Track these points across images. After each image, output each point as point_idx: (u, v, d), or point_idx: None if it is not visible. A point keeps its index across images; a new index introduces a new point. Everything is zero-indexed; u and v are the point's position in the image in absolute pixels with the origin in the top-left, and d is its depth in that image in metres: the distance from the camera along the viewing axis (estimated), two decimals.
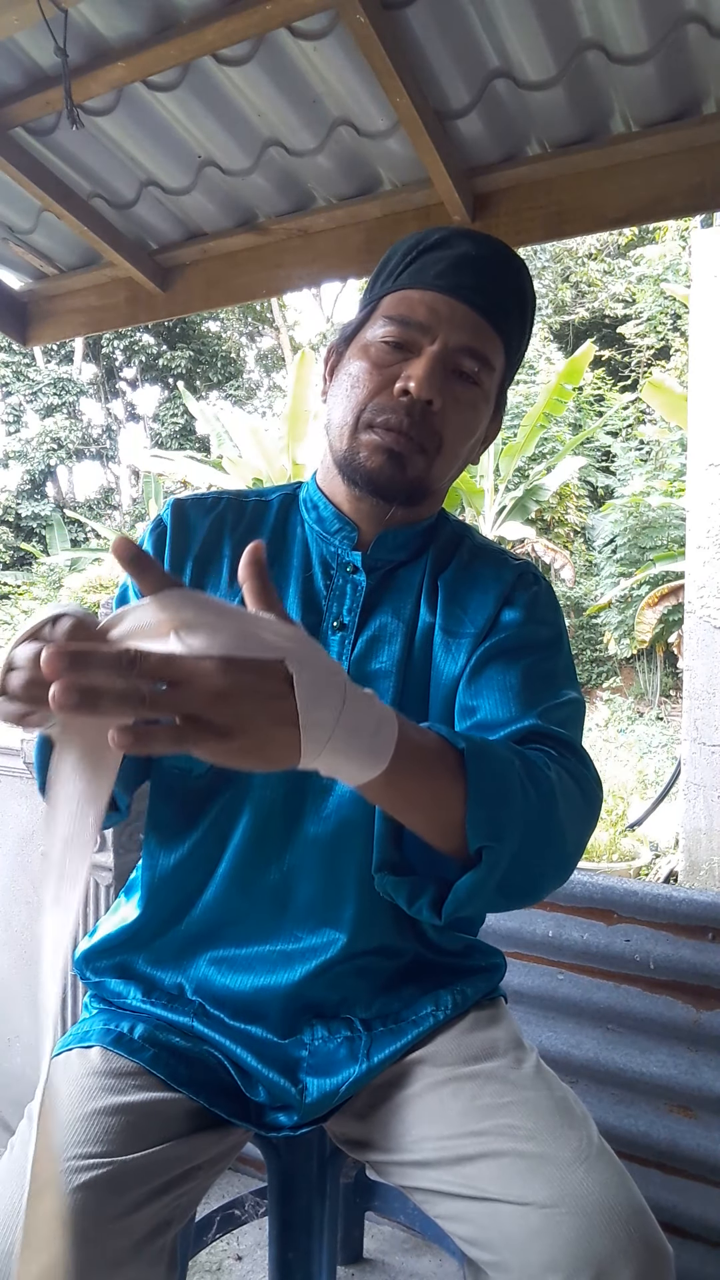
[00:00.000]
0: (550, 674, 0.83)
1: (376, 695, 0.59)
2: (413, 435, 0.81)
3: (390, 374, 0.82)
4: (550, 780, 0.71)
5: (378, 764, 0.58)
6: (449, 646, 0.85)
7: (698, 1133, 1.33)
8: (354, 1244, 1.41)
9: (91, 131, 1.54)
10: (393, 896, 0.69)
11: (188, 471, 10.83)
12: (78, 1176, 0.67)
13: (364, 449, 0.83)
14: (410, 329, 0.82)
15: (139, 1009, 0.87)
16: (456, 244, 0.83)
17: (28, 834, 1.75)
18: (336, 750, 0.55)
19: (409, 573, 0.90)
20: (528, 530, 10.48)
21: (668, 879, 3.45)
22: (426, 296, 0.82)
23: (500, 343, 0.84)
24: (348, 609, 0.87)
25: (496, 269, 0.83)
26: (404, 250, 0.85)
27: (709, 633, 2.87)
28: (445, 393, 0.81)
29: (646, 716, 9.80)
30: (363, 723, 0.56)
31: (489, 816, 0.65)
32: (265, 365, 23.06)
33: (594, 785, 0.77)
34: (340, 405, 0.85)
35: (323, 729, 0.53)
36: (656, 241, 13.92)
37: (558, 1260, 0.65)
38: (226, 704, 0.49)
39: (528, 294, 0.86)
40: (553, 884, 0.74)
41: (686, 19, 1.19)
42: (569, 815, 0.72)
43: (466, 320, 0.81)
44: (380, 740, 0.58)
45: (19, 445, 18.32)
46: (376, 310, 0.85)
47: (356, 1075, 0.81)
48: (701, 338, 2.92)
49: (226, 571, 0.88)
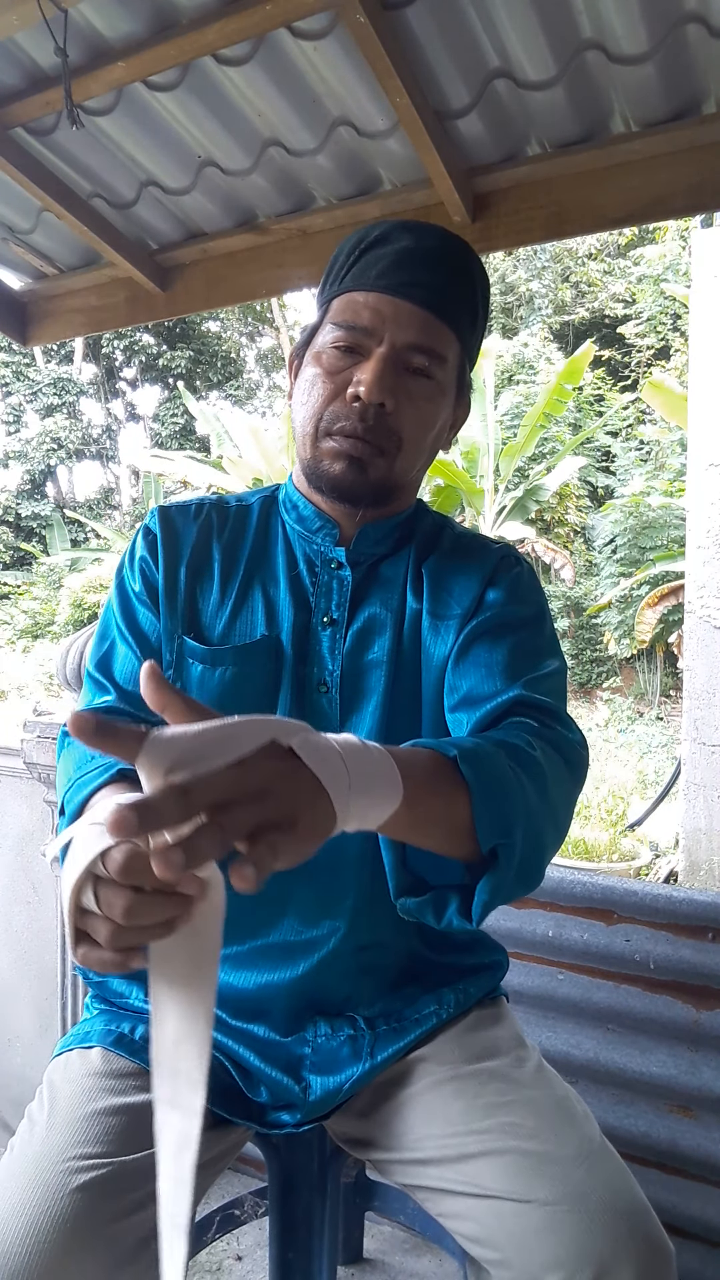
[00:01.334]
0: (534, 649, 0.85)
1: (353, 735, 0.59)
2: (369, 439, 0.82)
3: (342, 379, 0.83)
4: (537, 760, 0.72)
5: (396, 793, 0.58)
6: (437, 629, 0.87)
7: (698, 1133, 1.33)
8: (354, 1244, 1.41)
9: (91, 131, 1.54)
10: (420, 919, 0.69)
11: (188, 471, 10.84)
12: (77, 1177, 0.67)
13: (325, 456, 0.84)
14: (357, 333, 0.82)
15: (141, 1009, 0.87)
16: (397, 238, 0.83)
17: (28, 834, 1.75)
18: (360, 794, 0.54)
19: (393, 564, 0.91)
20: (528, 530, 10.49)
21: (668, 879, 3.45)
22: (370, 298, 0.82)
23: (450, 332, 0.84)
24: (336, 604, 0.88)
25: (437, 259, 0.83)
26: (347, 250, 0.85)
27: (709, 633, 2.87)
28: (398, 391, 0.82)
29: (646, 716, 9.81)
30: (365, 762, 0.56)
31: (496, 815, 0.66)
32: (265, 365, 23.06)
33: (577, 749, 0.79)
34: (300, 413, 0.87)
35: (341, 779, 0.53)
36: (656, 241, 13.92)
37: (560, 1258, 0.65)
38: (273, 798, 0.48)
39: (475, 276, 0.86)
40: (553, 855, 0.76)
41: (686, 19, 1.19)
42: (558, 789, 0.74)
43: (412, 318, 0.82)
44: (385, 768, 0.58)
45: (19, 445, 18.33)
46: (326, 315, 0.86)
47: (360, 1074, 0.81)
48: (701, 338, 2.92)
49: (218, 576, 0.89)
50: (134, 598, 0.89)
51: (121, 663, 0.88)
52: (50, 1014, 1.71)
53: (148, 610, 0.89)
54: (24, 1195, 0.66)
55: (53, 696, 8.40)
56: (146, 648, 0.88)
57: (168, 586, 0.89)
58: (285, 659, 0.86)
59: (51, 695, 8.53)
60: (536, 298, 16.43)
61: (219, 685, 0.86)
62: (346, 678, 0.87)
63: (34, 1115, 0.76)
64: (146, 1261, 0.70)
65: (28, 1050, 1.77)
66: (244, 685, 0.86)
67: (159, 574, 0.89)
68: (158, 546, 0.90)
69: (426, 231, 0.84)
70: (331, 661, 0.87)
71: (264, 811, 0.47)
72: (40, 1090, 0.79)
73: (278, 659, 0.86)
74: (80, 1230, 0.65)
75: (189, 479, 11.00)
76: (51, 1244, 0.64)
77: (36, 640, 12.00)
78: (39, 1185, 0.67)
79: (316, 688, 0.87)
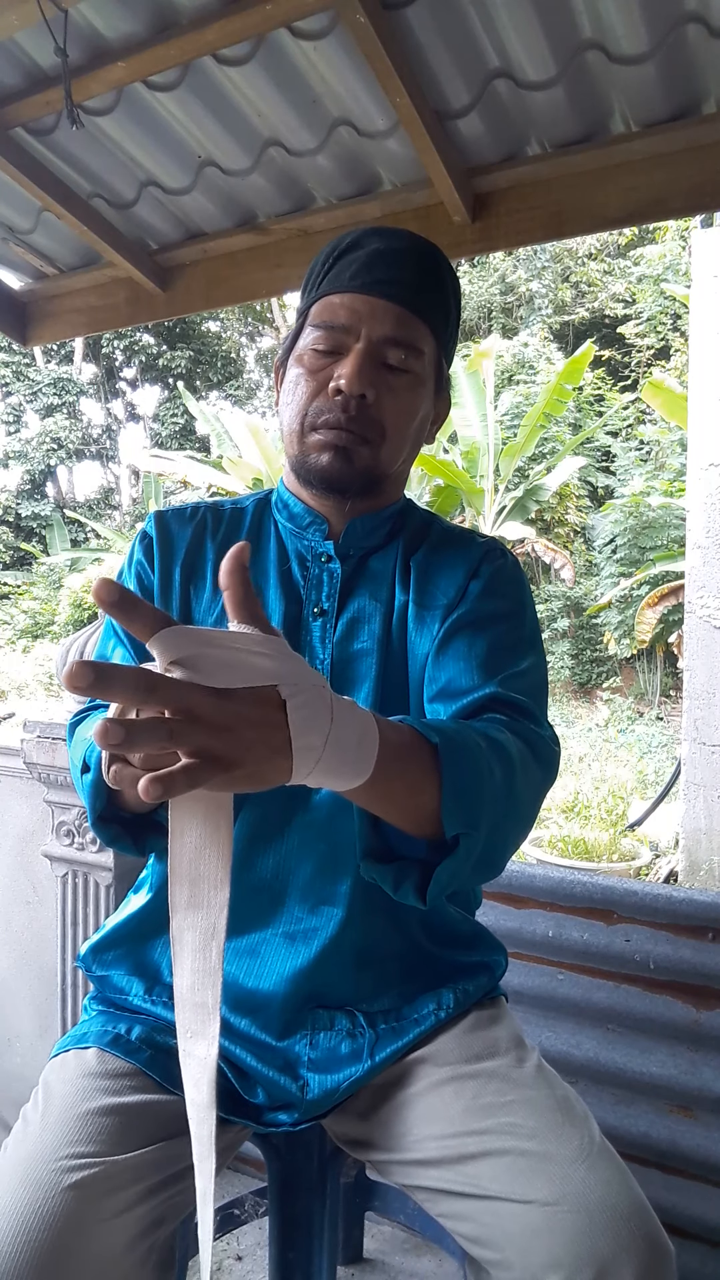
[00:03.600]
0: (513, 643, 0.86)
1: (357, 703, 0.62)
2: (353, 429, 0.85)
3: (324, 377, 0.86)
4: (512, 756, 0.74)
5: (360, 776, 0.60)
6: (423, 619, 0.89)
7: (698, 1133, 1.33)
8: (354, 1244, 1.41)
9: (91, 131, 1.54)
10: (378, 882, 0.72)
11: (188, 471, 10.84)
12: (69, 1176, 0.67)
13: (312, 450, 0.87)
14: (335, 332, 0.85)
15: (139, 1008, 0.87)
16: (367, 243, 0.87)
17: (28, 834, 1.75)
18: (324, 770, 0.57)
19: (382, 558, 0.93)
20: (528, 530, 10.48)
21: (668, 879, 3.45)
22: (346, 299, 0.86)
23: (425, 326, 0.87)
24: (326, 595, 0.91)
25: (406, 258, 0.86)
26: (323, 259, 0.89)
27: (709, 633, 2.87)
28: (378, 384, 0.85)
29: (646, 716, 9.80)
30: (347, 739, 0.58)
31: (463, 807, 0.68)
32: (265, 365, 23.06)
33: (548, 746, 0.80)
34: (286, 413, 0.89)
35: (312, 752, 0.55)
36: (656, 241, 13.92)
37: (560, 1258, 0.65)
38: (230, 736, 0.51)
39: (444, 275, 0.89)
40: (515, 850, 0.79)
41: (686, 19, 1.19)
42: (527, 786, 0.76)
43: (386, 313, 0.85)
44: (363, 752, 0.60)
45: (19, 445, 18.32)
46: (306, 321, 0.89)
47: (359, 1074, 0.81)
48: (701, 338, 2.92)
49: (210, 575, 0.92)
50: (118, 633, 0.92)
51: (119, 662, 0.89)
52: (50, 1014, 1.71)
53: None
54: (16, 1194, 0.67)
55: (53, 696, 8.39)
56: (140, 648, 0.90)
57: (163, 588, 0.92)
58: None
59: (52, 695, 8.53)
60: (536, 298, 16.42)
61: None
62: (336, 666, 0.88)
63: (28, 1115, 0.76)
64: (137, 1259, 0.70)
65: (27, 1050, 1.77)
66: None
67: (155, 576, 0.92)
68: (153, 550, 0.93)
69: (396, 234, 0.88)
70: (322, 650, 0.89)
71: (213, 744, 0.50)
72: (35, 1090, 0.80)
73: None
74: (71, 1229, 0.65)
75: (189, 479, 11.00)
76: (42, 1242, 0.64)
77: (36, 640, 11.99)
78: (31, 1184, 0.67)
79: None
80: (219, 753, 0.50)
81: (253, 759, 0.52)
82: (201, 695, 0.50)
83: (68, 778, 1.54)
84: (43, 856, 1.63)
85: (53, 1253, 0.64)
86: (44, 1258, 0.63)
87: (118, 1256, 0.68)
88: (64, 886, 1.58)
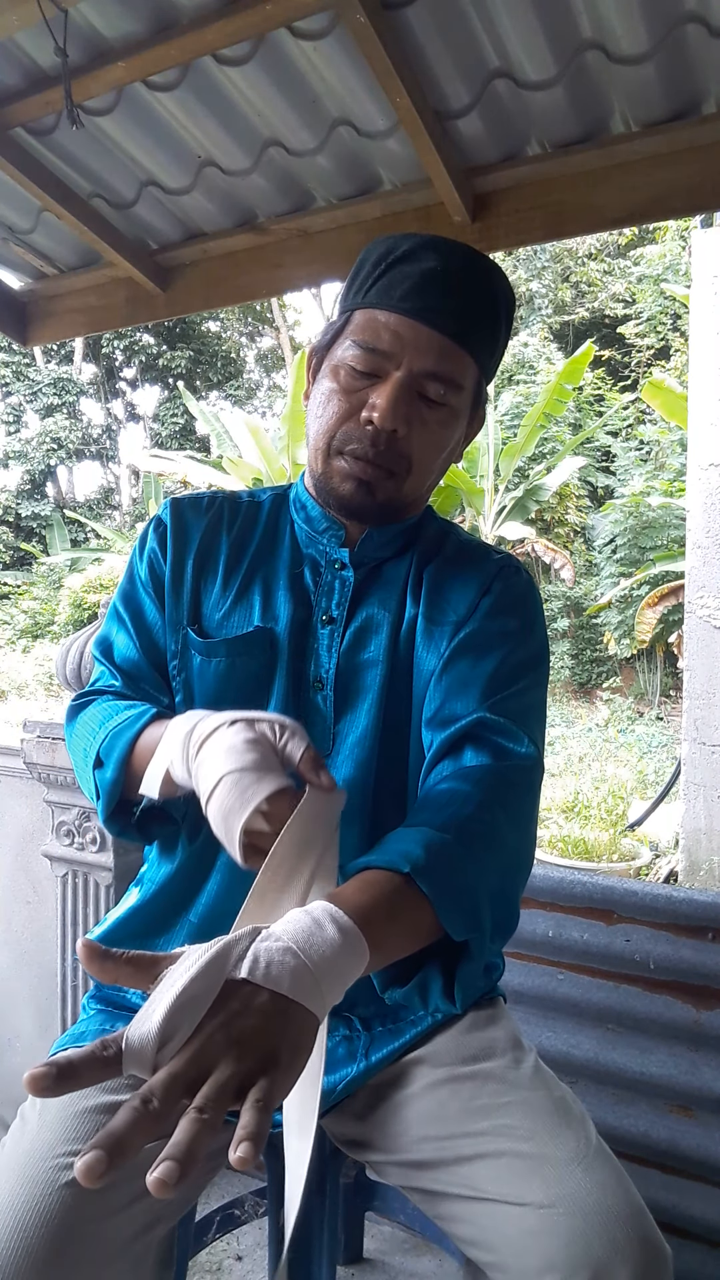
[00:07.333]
0: (515, 665, 0.85)
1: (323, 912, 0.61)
2: (380, 463, 0.83)
3: (357, 400, 0.83)
4: (489, 826, 0.74)
5: (363, 965, 0.61)
6: (431, 635, 0.88)
7: (697, 1133, 1.33)
8: (354, 1244, 1.41)
9: (91, 131, 1.54)
10: (407, 1005, 0.73)
11: (188, 471, 10.83)
12: (66, 1174, 0.67)
13: (335, 475, 0.85)
14: (376, 356, 0.82)
15: (138, 1006, 0.87)
16: (424, 257, 0.81)
17: (28, 834, 1.75)
18: (339, 991, 0.58)
19: (395, 567, 0.92)
20: (528, 530, 10.48)
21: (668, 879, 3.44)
22: (392, 320, 0.81)
23: (469, 359, 0.83)
24: (336, 603, 0.90)
25: (462, 282, 0.82)
26: (374, 261, 0.84)
27: (709, 633, 2.87)
28: (411, 418, 0.82)
29: (646, 716, 9.80)
30: (336, 964, 0.58)
31: (461, 913, 0.69)
32: (265, 365, 23.06)
33: (526, 771, 0.80)
34: (314, 426, 0.87)
35: (321, 1000, 0.56)
36: (656, 241, 13.92)
37: (555, 1261, 0.65)
38: (244, 1047, 0.51)
39: (499, 299, 0.85)
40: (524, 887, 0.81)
41: (686, 19, 1.19)
42: (513, 831, 0.77)
43: (431, 344, 0.81)
44: (355, 953, 0.60)
45: (19, 445, 18.32)
46: (348, 326, 0.85)
47: (355, 1074, 0.81)
48: (701, 338, 2.92)
49: (222, 569, 0.91)
50: (140, 586, 0.92)
51: (121, 648, 0.92)
52: (50, 1014, 1.71)
53: (152, 601, 0.91)
54: (14, 1191, 0.67)
55: (52, 696, 8.39)
56: (145, 636, 0.91)
57: (174, 578, 0.91)
58: (281, 653, 0.87)
59: (51, 695, 8.52)
60: (536, 298, 16.41)
61: (214, 676, 0.87)
62: (341, 675, 0.88)
63: (26, 1113, 0.76)
64: (133, 1257, 0.70)
65: (27, 1050, 1.77)
66: (236, 677, 0.87)
67: (166, 566, 0.91)
68: (167, 538, 0.92)
69: (453, 252, 0.82)
70: (328, 658, 0.88)
71: (242, 1068, 0.50)
72: None
73: (272, 652, 0.87)
74: (68, 1226, 0.65)
75: (189, 479, 10.98)
76: (39, 1240, 0.64)
77: (36, 640, 11.99)
78: (28, 1181, 0.67)
79: (312, 684, 0.88)
80: (253, 1068, 0.51)
81: (275, 1036, 0.52)
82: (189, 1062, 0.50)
83: (68, 778, 1.54)
84: (43, 856, 1.63)
85: (51, 1250, 0.64)
86: (42, 1254, 0.63)
87: (116, 1253, 0.68)
88: (64, 886, 1.58)
